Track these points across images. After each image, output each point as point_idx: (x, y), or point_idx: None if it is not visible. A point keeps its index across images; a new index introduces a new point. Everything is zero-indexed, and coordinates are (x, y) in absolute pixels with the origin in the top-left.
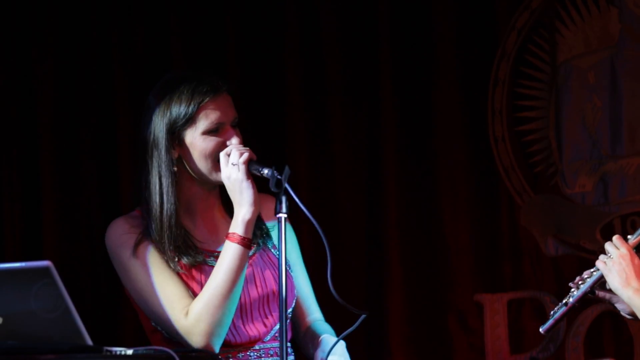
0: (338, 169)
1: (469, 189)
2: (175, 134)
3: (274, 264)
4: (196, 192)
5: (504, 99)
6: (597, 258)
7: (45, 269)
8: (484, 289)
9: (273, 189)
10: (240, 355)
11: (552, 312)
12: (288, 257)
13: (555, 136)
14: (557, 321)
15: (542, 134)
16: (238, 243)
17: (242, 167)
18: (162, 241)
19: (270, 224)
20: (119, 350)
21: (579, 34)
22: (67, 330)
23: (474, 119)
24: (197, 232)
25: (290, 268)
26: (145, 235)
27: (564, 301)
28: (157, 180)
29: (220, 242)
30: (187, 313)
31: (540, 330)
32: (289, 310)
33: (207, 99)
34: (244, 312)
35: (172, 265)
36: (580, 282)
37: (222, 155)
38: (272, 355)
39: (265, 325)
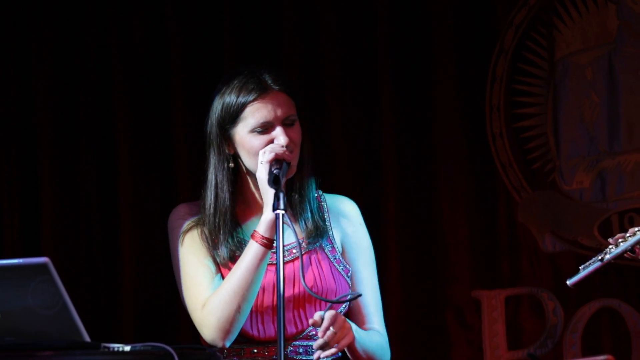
0: (336, 166)
1: (466, 185)
2: (226, 130)
3: (321, 266)
4: (255, 187)
5: (501, 96)
6: (595, 255)
7: (43, 265)
8: (482, 285)
9: (270, 186)
10: (265, 352)
11: (582, 266)
12: (353, 258)
13: (553, 133)
14: (588, 275)
15: (540, 131)
16: (258, 242)
17: (266, 167)
18: (211, 234)
19: (340, 225)
20: (117, 346)
21: (576, 31)
22: (65, 326)
23: (472, 115)
24: (253, 226)
25: (350, 267)
26: (197, 224)
27: (599, 257)
28: (213, 176)
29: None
30: (204, 305)
31: (568, 282)
32: (338, 310)
33: (252, 97)
34: (275, 313)
35: (217, 257)
36: (620, 240)
37: (260, 153)
38: (299, 354)
39: (296, 326)
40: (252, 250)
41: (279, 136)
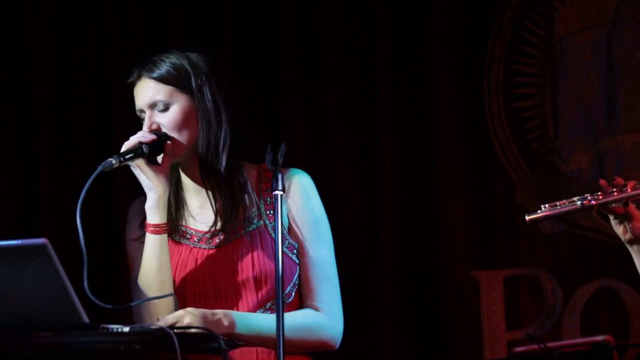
0: (334, 148)
1: (465, 166)
2: None
3: (262, 246)
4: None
5: (499, 76)
6: (593, 235)
7: (42, 247)
8: (480, 265)
9: (269, 166)
10: None
11: (553, 204)
12: (298, 233)
13: (552, 113)
14: (559, 214)
15: (538, 111)
16: (147, 230)
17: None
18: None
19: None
20: (116, 327)
21: (575, 11)
22: (64, 307)
23: (470, 96)
24: (190, 210)
25: (295, 243)
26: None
27: (581, 200)
28: None
29: (201, 221)
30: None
31: (527, 217)
32: (287, 290)
33: (131, 85)
34: (218, 298)
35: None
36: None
37: None
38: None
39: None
40: (146, 239)
41: (144, 126)
